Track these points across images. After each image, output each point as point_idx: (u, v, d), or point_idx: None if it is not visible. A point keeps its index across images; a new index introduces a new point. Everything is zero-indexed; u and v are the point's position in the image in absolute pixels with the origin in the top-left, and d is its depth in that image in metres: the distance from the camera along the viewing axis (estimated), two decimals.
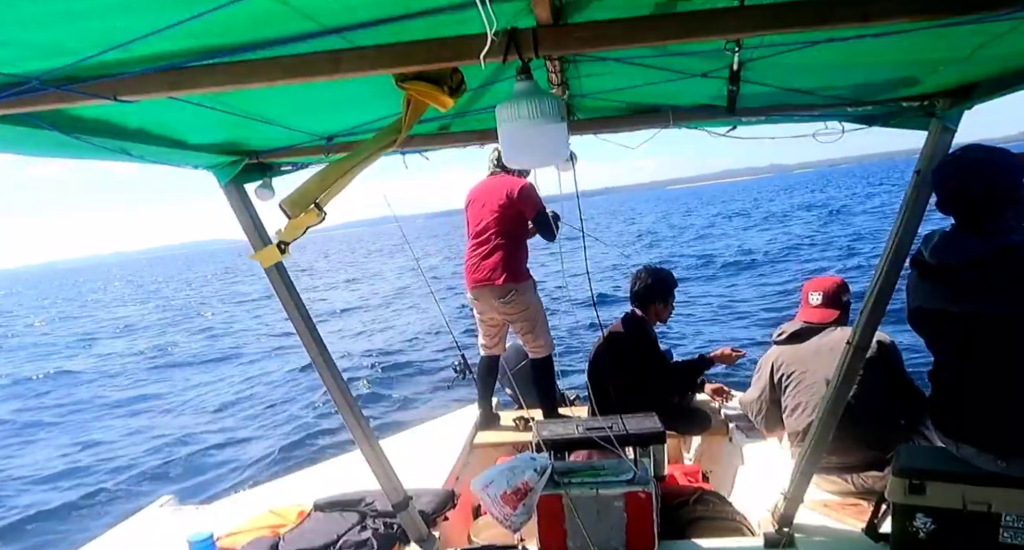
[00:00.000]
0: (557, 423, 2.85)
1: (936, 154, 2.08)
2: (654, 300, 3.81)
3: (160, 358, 15.54)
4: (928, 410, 2.28)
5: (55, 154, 1.51)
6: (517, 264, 4.08)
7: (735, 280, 17.56)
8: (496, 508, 2.39)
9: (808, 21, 1.06)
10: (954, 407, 2.15)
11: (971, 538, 2.09)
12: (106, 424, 10.24)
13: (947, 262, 2.01)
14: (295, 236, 1.54)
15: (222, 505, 3.50)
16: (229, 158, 2.10)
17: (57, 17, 0.95)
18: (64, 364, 16.47)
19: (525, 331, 4.13)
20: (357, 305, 21.16)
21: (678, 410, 3.88)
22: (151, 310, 27.82)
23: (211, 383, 12.28)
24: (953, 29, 1.23)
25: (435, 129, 2.23)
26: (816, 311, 3.14)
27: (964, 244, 2.00)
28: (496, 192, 4.04)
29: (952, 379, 2.15)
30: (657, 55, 1.53)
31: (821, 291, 3.16)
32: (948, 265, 2.02)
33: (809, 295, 3.19)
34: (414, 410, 8.86)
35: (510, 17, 1.11)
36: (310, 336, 2.36)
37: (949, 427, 2.17)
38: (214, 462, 8.08)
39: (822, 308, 3.13)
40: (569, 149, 1.48)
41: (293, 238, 1.55)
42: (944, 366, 2.17)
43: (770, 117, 2.15)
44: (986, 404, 2.05)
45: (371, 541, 2.67)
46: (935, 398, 2.22)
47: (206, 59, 1.17)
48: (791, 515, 2.55)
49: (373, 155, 1.45)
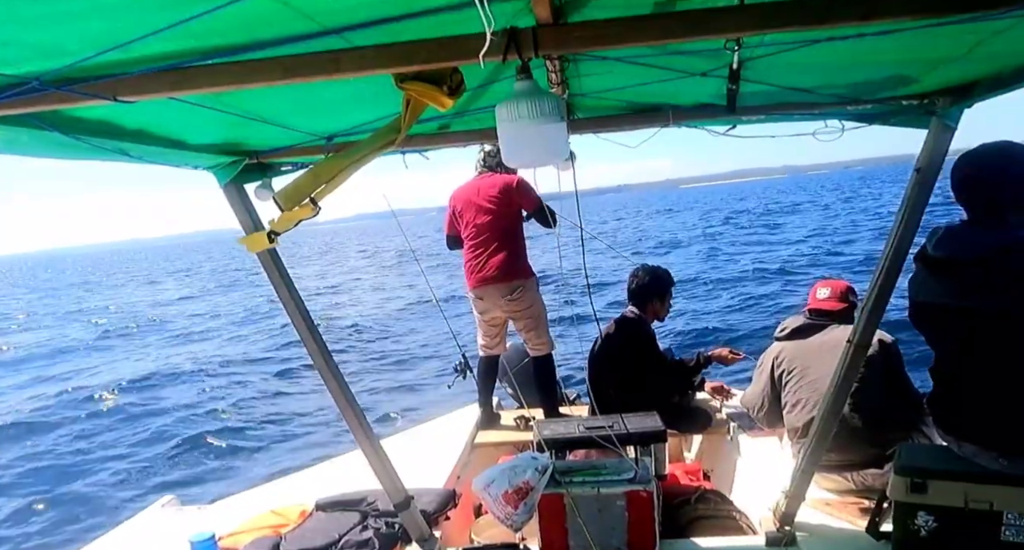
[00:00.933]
0: (558, 422, 2.85)
1: (936, 152, 2.08)
2: (651, 298, 3.83)
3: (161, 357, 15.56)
4: (928, 407, 2.28)
5: (54, 155, 1.51)
6: (521, 261, 4.11)
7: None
8: (497, 507, 2.40)
9: (808, 20, 1.06)
10: (955, 404, 2.15)
11: (973, 536, 2.09)
12: (107, 423, 10.25)
13: (955, 255, 2.02)
14: (287, 228, 1.59)
15: (224, 505, 3.50)
16: (229, 158, 2.10)
17: (57, 17, 0.95)
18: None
19: (528, 328, 4.14)
20: (357, 305, 21.22)
21: (679, 409, 3.88)
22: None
23: (211, 382, 12.29)
24: (953, 27, 1.23)
25: (435, 129, 2.23)
26: (823, 302, 3.17)
27: (972, 238, 2.00)
28: (490, 191, 4.04)
29: (953, 376, 2.15)
30: (657, 54, 1.53)
31: (829, 287, 3.19)
32: (955, 258, 2.02)
33: (817, 290, 3.22)
34: (415, 410, 8.87)
35: (510, 16, 1.11)
36: (310, 336, 2.36)
37: (950, 425, 2.17)
38: (214, 462, 8.09)
39: (829, 300, 3.16)
40: (569, 148, 1.48)
41: (284, 229, 1.60)
42: (945, 362, 2.17)
43: (770, 116, 2.16)
44: (987, 402, 2.05)
45: (372, 541, 2.67)
46: (936, 395, 2.22)
47: (206, 59, 1.17)
48: (792, 514, 2.55)
49: (371, 154, 1.46)
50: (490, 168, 4.13)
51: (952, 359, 2.14)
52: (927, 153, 2.09)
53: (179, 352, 15.74)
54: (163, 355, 15.51)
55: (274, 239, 1.64)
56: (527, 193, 4.01)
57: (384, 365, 12.14)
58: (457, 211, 4.18)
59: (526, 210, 4.08)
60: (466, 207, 4.12)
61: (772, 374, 3.20)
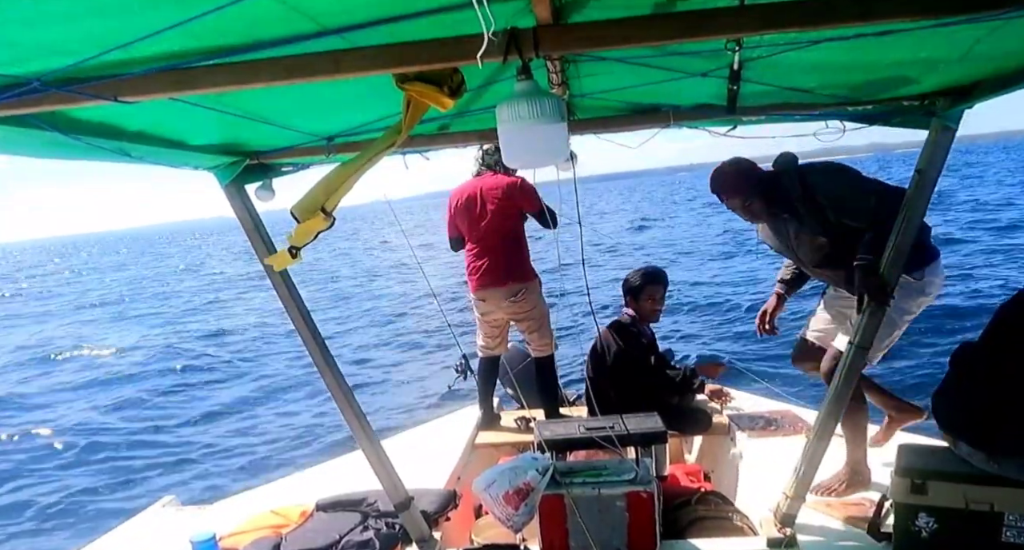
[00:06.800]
0: (558, 423, 2.85)
1: (936, 153, 2.08)
2: (643, 298, 3.82)
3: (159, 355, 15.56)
4: (932, 400, 2.28)
5: (55, 155, 1.51)
6: (524, 263, 4.10)
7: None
8: (498, 508, 2.39)
9: (808, 20, 1.06)
10: (954, 402, 2.15)
11: (973, 537, 2.09)
12: (105, 424, 10.25)
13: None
14: (305, 241, 1.57)
15: (224, 505, 3.50)
16: (230, 159, 2.10)
17: (58, 17, 0.95)
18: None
19: (531, 329, 4.13)
20: (357, 304, 21.22)
21: (679, 410, 3.87)
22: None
23: (212, 382, 12.29)
24: (952, 28, 1.23)
25: (435, 129, 2.24)
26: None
27: None
28: (492, 191, 4.01)
29: (960, 373, 2.16)
30: (657, 55, 1.53)
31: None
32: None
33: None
34: (415, 410, 8.87)
35: (510, 17, 1.11)
36: (311, 336, 2.36)
37: (949, 422, 2.18)
38: (215, 462, 8.08)
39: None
40: (569, 149, 1.49)
41: (303, 243, 1.58)
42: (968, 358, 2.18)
43: (770, 116, 2.16)
44: (977, 403, 2.06)
45: (373, 541, 2.67)
46: (939, 391, 2.22)
47: (207, 60, 1.17)
48: (793, 515, 2.55)
49: (375, 157, 1.47)
50: (489, 167, 4.09)
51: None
52: (928, 154, 2.09)
53: (178, 352, 15.74)
54: (163, 355, 15.51)
55: (296, 254, 1.64)
56: (529, 194, 3.99)
57: (385, 364, 12.13)
58: (456, 212, 4.15)
59: (528, 212, 4.06)
60: (468, 208, 4.08)
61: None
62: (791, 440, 3.51)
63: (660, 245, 25.55)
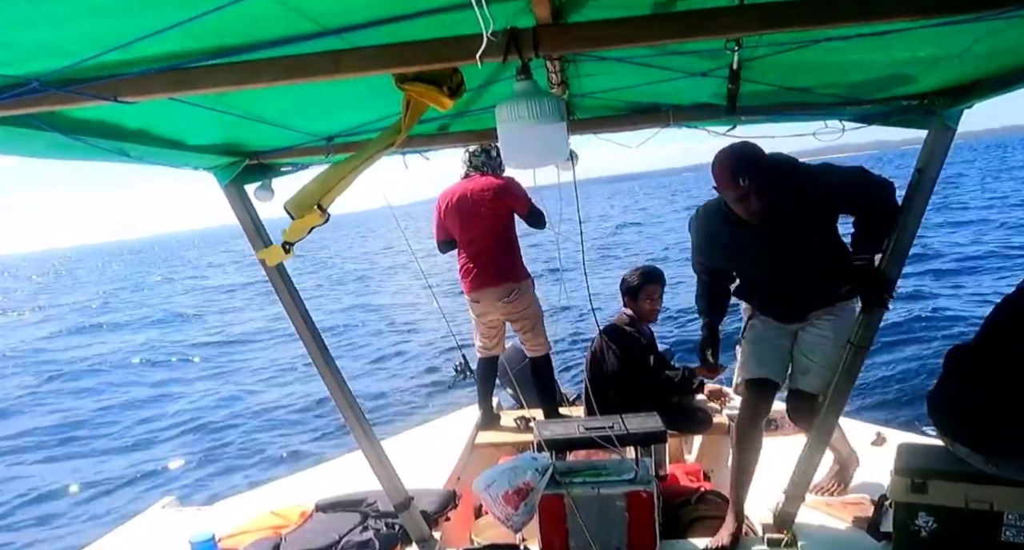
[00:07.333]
0: (558, 423, 2.85)
1: (936, 153, 2.08)
2: (642, 297, 3.82)
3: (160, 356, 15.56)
4: (927, 403, 2.28)
5: (54, 155, 1.51)
6: (516, 263, 4.09)
7: None
8: (498, 508, 2.39)
9: (808, 20, 1.06)
10: (950, 405, 2.15)
11: (973, 537, 2.09)
12: (106, 422, 10.25)
13: None
14: (299, 237, 1.58)
15: (224, 506, 3.50)
16: (229, 159, 2.10)
17: (57, 18, 0.95)
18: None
19: (526, 329, 4.13)
20: (358, 303, 21.21)
21: (679, 409, 3.87)
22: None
23: (212, 384, 12.29)
24: (952, 27, 1.23)
25: (435, 129, 2.24)
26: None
27: None
28: (482, 193, 3.98)
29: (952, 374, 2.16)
30: (657, 54, 1.53)
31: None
32: None
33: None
34: (415, 411, 8.86)
35: (510, 17, 1.11)
36: (311, 336, 2.36)
37: (945, 425, 2.18)
38: (215, 463, 8.08)
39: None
40: (569, 149, 1.48)
41: (297, 239, 1.59)
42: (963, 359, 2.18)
43: (770, 116, 2.16)
44: (968, 404, 2.06)
45: (373, 541, 2.67)
46: (934, 394, 2.22)
47: (207, 60, 1.17)
48: (793, 514, 2.55)
49: (374, 157, 1.47)
50: (476, 168, 4.05)
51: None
52: (927, 153, 2.09)
53: (178, 351, 15.74)
54: (163, 354, 15.51)
55: (289, 250, 1.64)
56: (518, 195, 3.99)
57: (384, 365, 12.13)
58: (446, 214, 4.10)
59: (518, 212, 4.06)
60: (457, 210, 4.04)
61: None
62: (791, 440, 3.51)
63: (651, 244, 25.59)
